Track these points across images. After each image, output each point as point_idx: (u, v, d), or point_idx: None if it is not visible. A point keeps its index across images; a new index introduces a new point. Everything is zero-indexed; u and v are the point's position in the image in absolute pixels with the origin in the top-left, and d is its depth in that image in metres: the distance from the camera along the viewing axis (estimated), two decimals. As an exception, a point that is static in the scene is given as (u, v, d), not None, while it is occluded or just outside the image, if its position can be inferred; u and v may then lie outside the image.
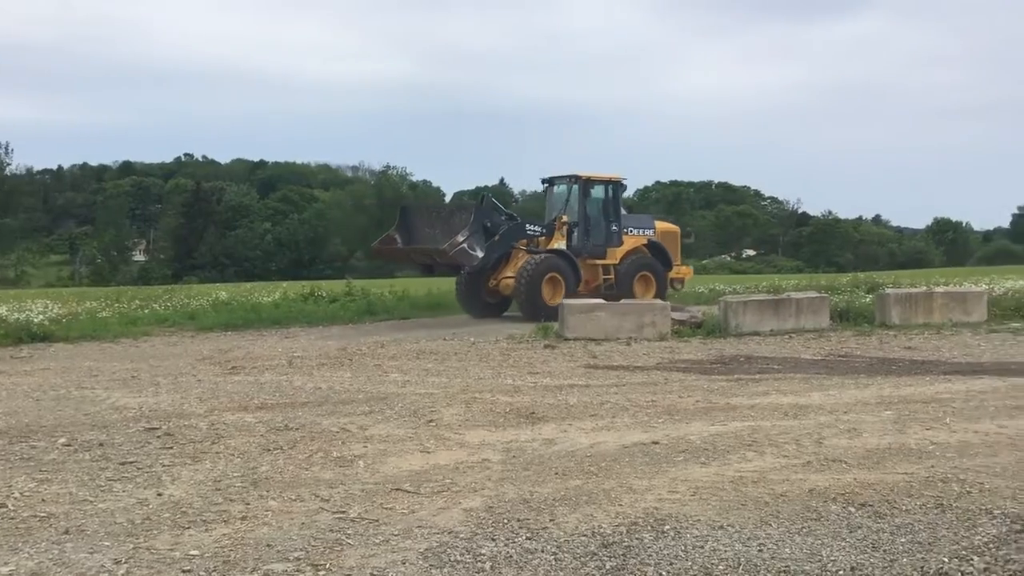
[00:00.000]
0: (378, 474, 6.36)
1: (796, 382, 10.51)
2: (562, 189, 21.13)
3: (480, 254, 18.56)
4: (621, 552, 4.71)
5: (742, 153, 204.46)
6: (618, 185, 21.32)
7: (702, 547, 4.78)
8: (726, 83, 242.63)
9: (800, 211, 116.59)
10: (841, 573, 4.43)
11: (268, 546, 4.84)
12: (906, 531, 4.99)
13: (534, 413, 8.56)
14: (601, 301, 16.68)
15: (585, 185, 20.58)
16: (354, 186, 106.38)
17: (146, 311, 20.86)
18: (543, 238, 20.04)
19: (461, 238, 18.27)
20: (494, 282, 19.97)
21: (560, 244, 19.76)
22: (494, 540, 4.91)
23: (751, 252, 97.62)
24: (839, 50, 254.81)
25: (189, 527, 5.19)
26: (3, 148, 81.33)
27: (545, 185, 21.89)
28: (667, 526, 5.11)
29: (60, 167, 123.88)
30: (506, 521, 5.23)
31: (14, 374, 11.79)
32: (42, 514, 5.44)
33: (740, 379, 10.82)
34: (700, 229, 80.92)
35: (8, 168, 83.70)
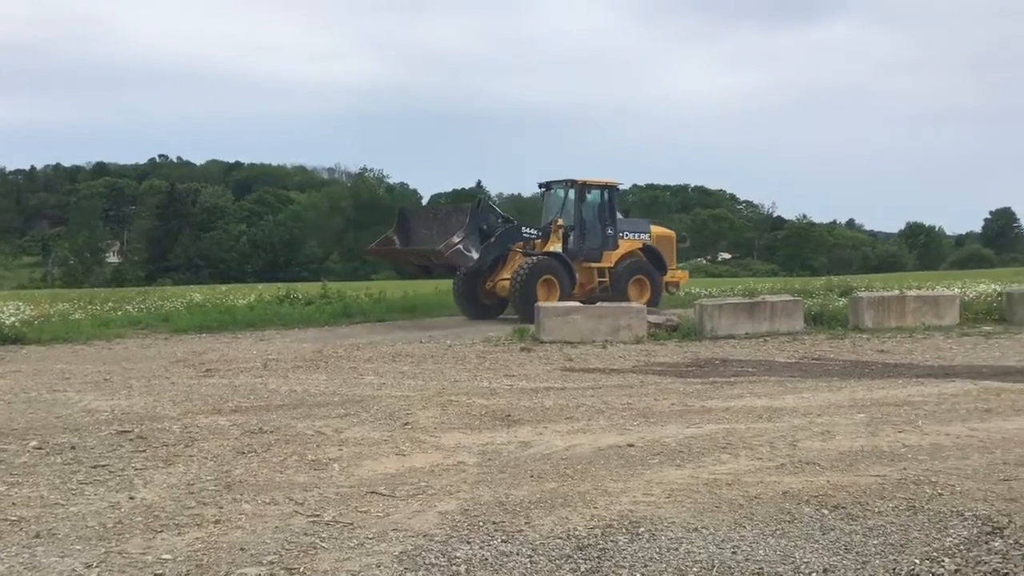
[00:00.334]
0: (353, 477, 6.33)
1: (770, 385, 10.57)
2: (559, 193, 21.47)
3: (475, 255, 18.80)
4: (596, 555, 4.72)
5: (718, 157, 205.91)
6: (614, 190, 21.69)
7: (677, 549, 4.79)
8: (701, 88, 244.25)
9: (775, 215, 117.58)
10: (814, 575, 4.45)
11: (241, 550, 4.81)
12: (878, 533, 5.03)
13: (510, 416, 8.56)
14: (577, 304, 16.71)
15: (581, 189, 20.90)
16: (330, 188, 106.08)
17: (119, 313, 20.71)
18: (539, 241, 20.31)
19: (457, 239, 18.53)
20: (491, 284, 20.20)
21: (556, 247, 20.07)
22: (469, 543, 4.90)
23: (726, 255, 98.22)
24: (812, 55, 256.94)
25: (161, 531, 5.14)
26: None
27: (542, 189, 22.22)
28: (642, 528, 5.12)
29: (33, 168, 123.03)
30: (481, 524, 5.22)
31: (-16, 376, 11.66)
32: (12, 518, 5.38)
33: (715, 382, 10.87)
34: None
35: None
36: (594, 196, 21.13)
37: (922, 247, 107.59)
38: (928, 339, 15.39)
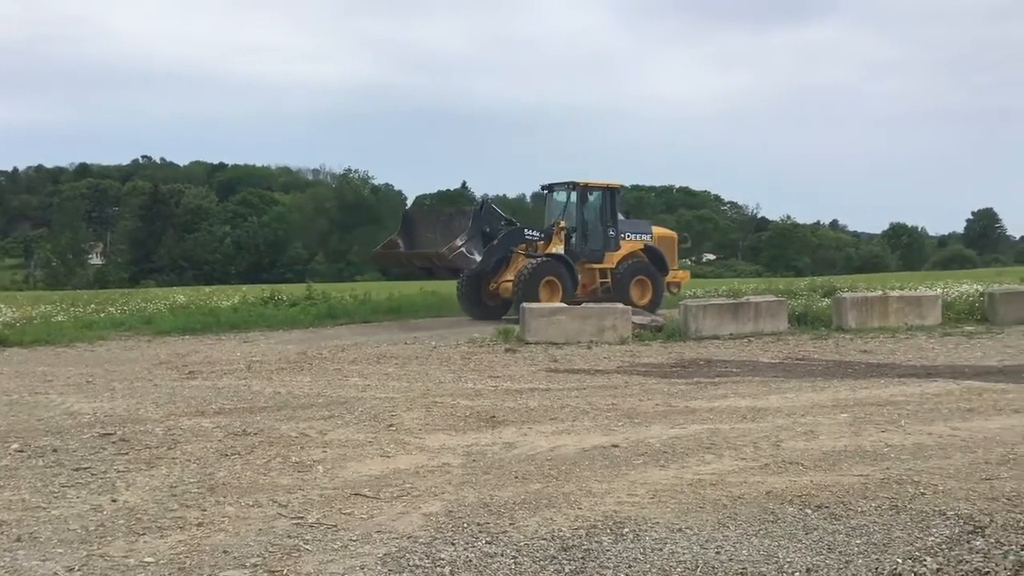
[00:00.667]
0: (337, 479, 6.32)
1: (754, 385, 10.61)
2: (561, 195, 21.70)
3: (478, 257, 19.00)
4: (580, 555, 4.72)
5: (703, 158, 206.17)
6: (615, 191, 21.84)
7: (661, 550, 4.80)
8: (686, 89, 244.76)
9: (759, 216, 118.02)
10: (797, 574, 4.47)
11: (224, 552, 4.79)
12: (861, 532, 5.05)
13: (494, 417, 8.56)
14: (562, 305, 16.75)
15: (582, 191, 21.10)
16: (315, 189, 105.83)
17: (102, 315, 20.62)
18: (542, 242, 20.52)
19: (460, 242, 18.73)
20: (494, 285, 20.40)
21: (558, 248, 20.26)
22: (453, 545, 4.90)
23: (711, 256, 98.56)
24: (798, 56, 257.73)
25: (144, 534, 5.12)
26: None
27: (545, 191, 22.42)
28: (626, 529, 5.12)
29: (15, 169, 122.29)
30: (466, 525, 5.22)
31: (-35, 379, 11.58)
32: (-7, 522, 5.35)
33: (699, 382, 10.90)
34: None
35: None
36: (595, 198, 21.36)
37: (905, 248, 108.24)
38: (910, 339, 15.47)
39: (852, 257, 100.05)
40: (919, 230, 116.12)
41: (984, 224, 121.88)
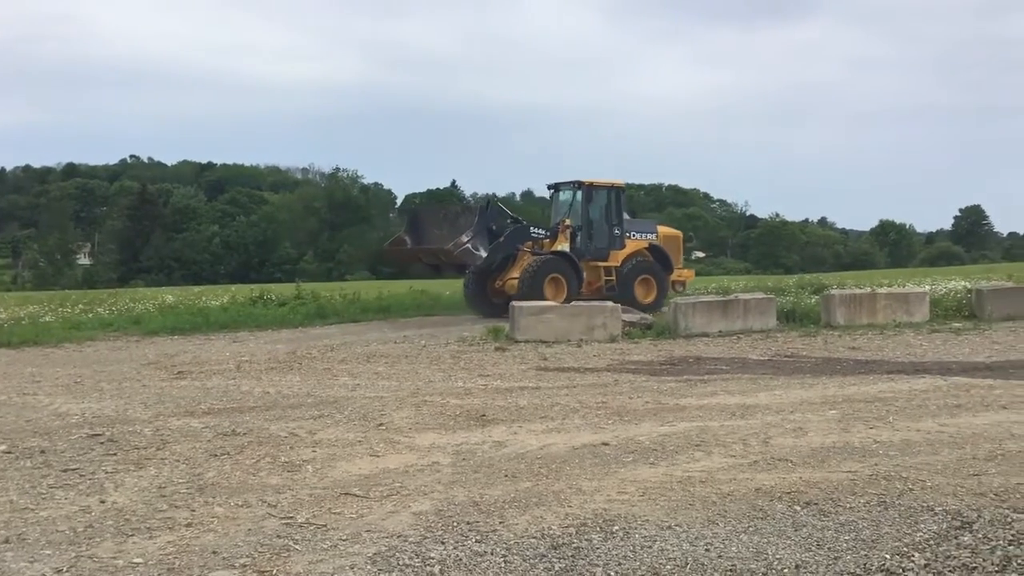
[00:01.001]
0: (326, 479, 6.31)
1: (743, 382, 10.63)
2: (566, 194, 21.96)
3: (483, 254, 19.21)
4: (570, 553, 4.73)
5: (691, 156, 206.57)
6: (620, 190, 22.06)
7: (650, 547, 4.81)
8: (675, 87, 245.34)
9: (748, 213, 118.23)
10: (786, 571, 4.48)
11: (214, 553, 4.78)
12: (850, 529, 5.07)
13: (484, 415, 8.56)
14: (552, 303, 16.75)
15: (588, 190, 21.34)
16: (304, 188, 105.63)
17: (90, 315, 20.55)
18: (547, 240, 20.73)
19: (465, 239, 18.93)
20: (500, 283, 20.59)
21: (563, 246, 20.47)
22: (443, 543, 4.89)
23: (700, 254, 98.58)
24: (785, 54, 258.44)
25: (133, 535, 5.10)
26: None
27: (551, 191, 22.65)
28: (616, 527, 5.13)
29: (3, 169, 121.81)
30: (456, 524, 5.22)
31: (-48, 380, 11.52)
32: (-20, 524, 5.32)
33: (689, 380, 10.91)
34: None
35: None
36: (600, 197, 21.54)
37: (893, 245, 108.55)
38: (899, 336, 15.52)
39: (841, 254, 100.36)
40: (907, 227, 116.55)
41: (972, 221, 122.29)
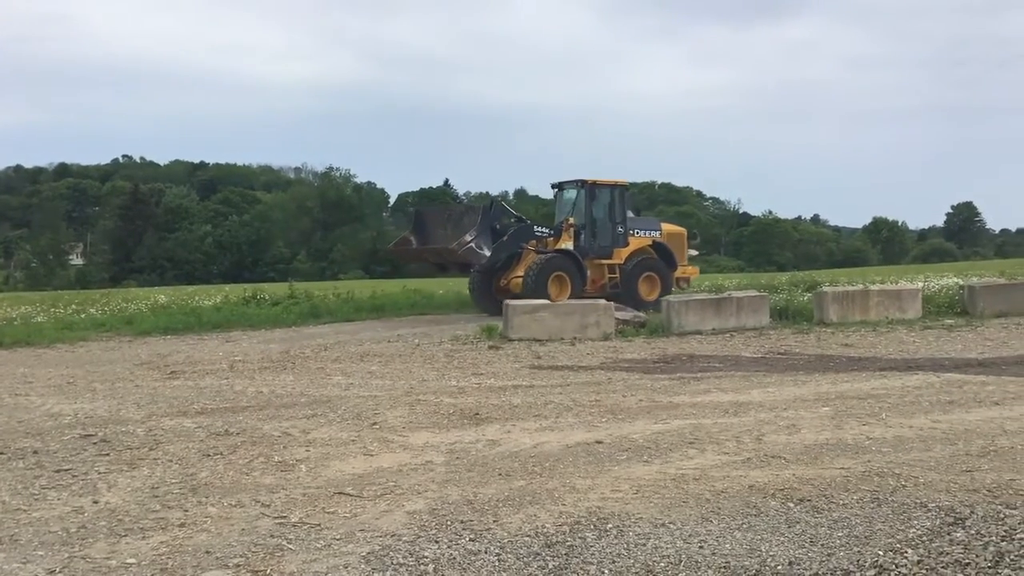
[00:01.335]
0: (320, 478, 6.30)
1: (737, 380, 10.64)
2: (570, 193, 22.07)
3: (487, 253, 19.41)
4: (564, 552, 4.73)
5: (684, 154, 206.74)
6: (624, 189, 22.16)
7: (644, 545, 4.81)
8: (668, 85, 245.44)
9: (741, 211, 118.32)
10: (780, 568, 4.48)
11: (207, 553, 4.77)
12: (843, 525, 5.08)
13: (478, 414, 8.56)
14: (545, 301, 16.75)
15: (591, 189, 21.47)
16: (297, 188, 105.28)
17: (83, 316, 20.50)
18: (551, 239, 20.89)
19: (469, 238, 19.16)
20: (504, 281, 20.72)
21: (567, 245, 20.65)
22: (437, 542, 4.89)
23: (693, 252, 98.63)
24: (777, 52, 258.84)
25: (126, 535, 5.09)
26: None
27: (555, 189, 22.77)
28: (610, 525, 5.13)
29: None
30: (449, 523, 5.22)
31: (-56, 382, 11.48)
32: (-28, 525, 5.30)
33: (682, 378, 10.92)
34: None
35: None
36: (604, 195, 21.63)
37: (885, 242, 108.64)
38: (891, 333, 15.56)
39: (834, 252, 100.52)
40: (900, 224, 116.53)
41: (964, 218, 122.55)
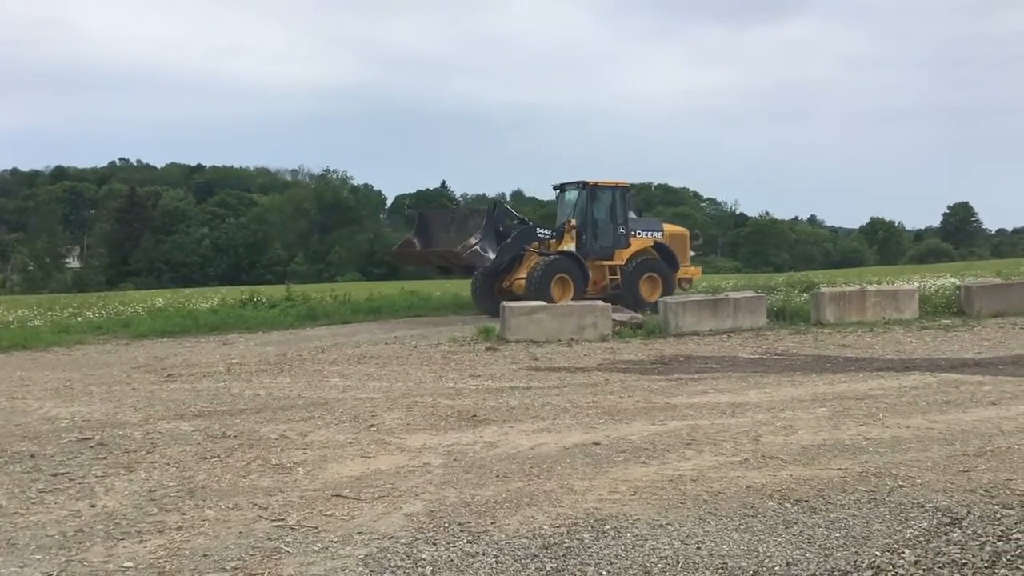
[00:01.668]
0: (317, 481, 6.30)
1: (734, 381, 10.65)
2: (572, 194, 22.10)
3: (492, 256, 19.48)
4: (562, 553, 4.73)
5: (681, 155, 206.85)
6: (625, 190, 22.20)
7: (642, 546, 4.81)
8: (664, 86, 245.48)
9: (738, 212, 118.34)
10: (777, 568, 4.49)
11: (204, 556, 4.77)
12: (840, 526, 5.09)
13: (475, 416, 8.56)
14: (542, 303, 16.73)
15: (592, 190, 21.51)
16: (294, 190, 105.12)
17: (79, 319, 20.47)
18: (553, 241, 20.97)
19: (474, 241, 19.23)
20: (507, 283, 20.80)
21: (569, 246, 20.72)
22: (435, 544, 4.89)
23: (690, 253, 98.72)
24: (774, 53, 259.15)
25: (123, 538, 5.09)
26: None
27: (557, 191, 22.81)
28: (607, 526, 5.14)
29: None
30: (447, 525, 5.22)
31: (-59, 385, 11.46)
32: (-31, 529, 5.30)
33: (680, 379, 10.93)
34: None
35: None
36: (605, 197, 21.67)
37: (882, 242, 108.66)
38: (888, 333, 15.57)
39: (830, 252, 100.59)
40: (896, 224, 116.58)
41: (960, 218, 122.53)
